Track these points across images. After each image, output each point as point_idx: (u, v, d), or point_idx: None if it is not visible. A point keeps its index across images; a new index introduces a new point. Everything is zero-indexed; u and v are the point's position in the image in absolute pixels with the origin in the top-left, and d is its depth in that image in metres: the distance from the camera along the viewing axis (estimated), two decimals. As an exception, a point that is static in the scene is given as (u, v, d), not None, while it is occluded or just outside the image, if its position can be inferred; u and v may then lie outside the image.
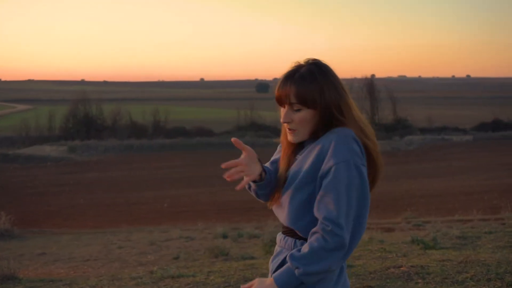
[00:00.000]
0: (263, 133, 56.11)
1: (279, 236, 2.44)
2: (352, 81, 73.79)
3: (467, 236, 8.02)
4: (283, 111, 2.38)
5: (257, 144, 52.56)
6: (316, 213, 2.22)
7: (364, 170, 2.24)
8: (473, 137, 56.98)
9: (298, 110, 2.33)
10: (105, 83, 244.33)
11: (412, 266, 5.61)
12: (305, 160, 2.32)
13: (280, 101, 2.37)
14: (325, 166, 2.22)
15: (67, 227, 20.10)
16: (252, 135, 55.07)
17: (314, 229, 2.21)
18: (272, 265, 2.41)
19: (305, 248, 2.20)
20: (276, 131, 57.95)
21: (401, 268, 5.58)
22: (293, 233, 2.35)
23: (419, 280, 5.19)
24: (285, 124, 2.39)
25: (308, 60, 2.39)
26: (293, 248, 2.30)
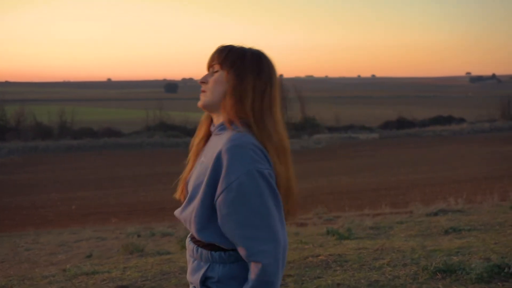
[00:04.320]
0: (172, 133, 55.73)
1: (190, 245, 2.26)
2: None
3: (380, 227, 8.19)
4: None
5: (166, 145, 52.25)
6: (229, 231, 2.08)
7: (270, 175, 2.08)
8: (379, 135, 58.51)
9: (216, 72, 2.26)
10: (7, 83, 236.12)
11: (330, 255, 5.67)
12: (206, 167, 2.17)
13: (208, 66, 2.31)
14: (223, 181, 2.06)
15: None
16: (161, 135, 54.64)
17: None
18: (193, 279, 2.22)
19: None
20: (185, 131, 57.75)
21: (319, 257, 5.62)
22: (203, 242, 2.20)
23: (337, 268, 5.25)
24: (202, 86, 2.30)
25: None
26: (212, 261, 2.16)
